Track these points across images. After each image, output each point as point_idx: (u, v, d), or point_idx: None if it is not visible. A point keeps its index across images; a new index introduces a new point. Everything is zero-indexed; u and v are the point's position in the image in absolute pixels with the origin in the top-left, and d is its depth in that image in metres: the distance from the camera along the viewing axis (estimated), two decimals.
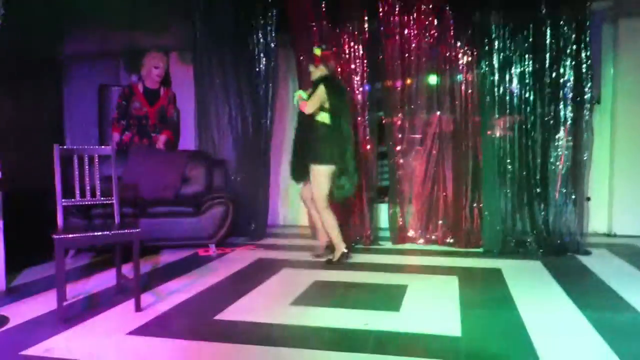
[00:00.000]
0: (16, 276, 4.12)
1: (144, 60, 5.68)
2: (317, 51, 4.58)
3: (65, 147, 3.40)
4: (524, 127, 4.98)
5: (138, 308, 3.21)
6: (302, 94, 4.51)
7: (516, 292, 3.57)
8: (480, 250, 5.01)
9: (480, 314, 3.16)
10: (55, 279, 3.13)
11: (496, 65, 4.94)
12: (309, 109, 4.39)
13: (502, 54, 4.93)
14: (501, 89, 4.97)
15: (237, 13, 5.64)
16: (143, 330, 2.89)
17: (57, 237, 3.02)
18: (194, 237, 4.97)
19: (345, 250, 4.58)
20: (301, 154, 4.64)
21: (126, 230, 3.23)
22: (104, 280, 4.02)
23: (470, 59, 5.15)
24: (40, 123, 5.99)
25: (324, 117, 4.45)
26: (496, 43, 4.92)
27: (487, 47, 4.96)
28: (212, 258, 4.81)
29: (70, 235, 3.08)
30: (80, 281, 4.02)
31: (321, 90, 4.39)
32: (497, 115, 5.01)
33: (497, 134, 5.04)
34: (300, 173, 4.70)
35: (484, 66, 4.98)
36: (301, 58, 5.62)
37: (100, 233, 3.17)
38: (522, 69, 4.95)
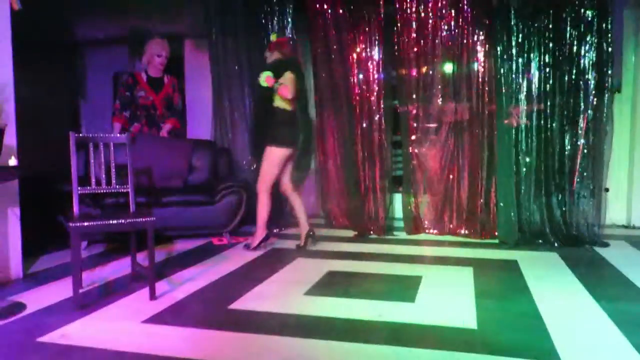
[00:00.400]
0: (33, 263, 4.16)
1: (146, 48, 5.47)
2: (273, 37, 4.70)
3: (80, 134, 3.41)
4: (541, 115, 4.90)
5: (153, 296, 3.22)
6: (269, 74, 4.42)
7: (532, 284, 3.53)
8: (496, 241, 4.96)
9: (495, 305, 3.13)
10: (71, 266, 3.16)
11: (514, 53, 4.84)
12: (290, 94, 4.37)
13: (520, 41, 4.83)
14: (518, 76, 4.88)
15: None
16: (158, 319, 2.91)
17: (73, 224, 3.04)
18: (208, 226, 4.98)
19: (266, 234, 4.63)
20: (259, 138, 4.64)
21: (141, 219, 3.23)
22: (119, 267, 4.05)
23: (487, 46, 5.06)
24: (55, 109, 6.03)
25: (284, 104, 4.46)
26: (514, 30, 4.82)
27: (505, 34, 4.85)
28: (226, 247, 4.82)
29: (86, 223, 3.09)
30: (96, 269, 4.05)
31: (290, 76, 4.41)
32: (513, 104, 4.93)
33: (514, 123, 4.96)
34: (259, 157, 4.67)
35: (501, 53, 4.89)
36: (316, 46, 5.59)
37: (115, 221, 3.18)
38: (540, 56, 4.85)
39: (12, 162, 3.12)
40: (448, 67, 5.27)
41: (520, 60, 4.86)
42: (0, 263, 3.63)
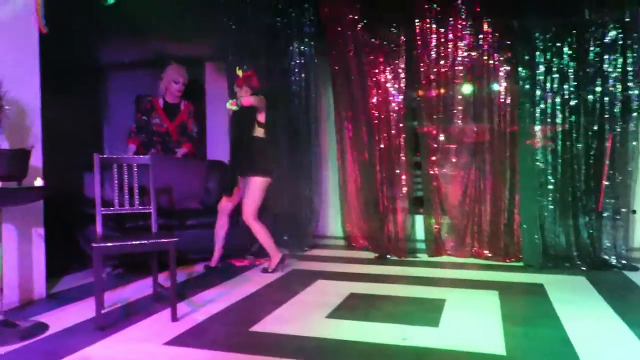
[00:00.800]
0: (56, 283, 4.18)
1: (164, 74, 5.42)
2: (239, 72, 4.66)
3: (104, 155, 3.45)
4: (565, 136, 4.83)
5: (174, 317, 3.20)
6: (230, 101, 4.51)
7: (561, 308, 3.43)
8: (520, 264, 4.86)
9: (524, 331, 3.04)
10: (93, 286, 3.16)
11: (536, 72, 4.81)
12: (251, 101, 4.38)
13: (542, 60, 4.80)
14: (541, 96, 4.83)
15: (273, 22, 5.66)
16: (179, 341, 2.88)
17: (96, 245, 3.05)
18: (229, 248, 4.94)
19: (281, 256, 4.58)
20: (235, 168, 4.65)
21: (163, 239, 3.24)
22: (140, 288, 4.04)
23: (508, 67, 5.04)
24: (80, 131, 6.13)
25: (259, 132, 4.50)
26: (536, 50, 4.79)
27: (526, 55, 4.83)
28: (246, 268, 4.79)
29: (109, 244, 3.10)
30: (117, 289, 4.05)
31: (262, 99, 4.46)
32: (536, 125, 4.87)
33: (536, 144, 4.89)
34: (232, 187, 4.68)
35: (522, 74, 4.86)
36: (336, 68, 5.62)
37: (138, 242, 3.19)
38: (563, 76, 4.80)
39: (38, 182, 3.15)
40: (469, 88, 5.25)
41: (542, 80, 4.82)
42: (24, 283, 3.65)
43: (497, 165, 5.10)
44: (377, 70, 5.41)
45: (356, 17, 5.41)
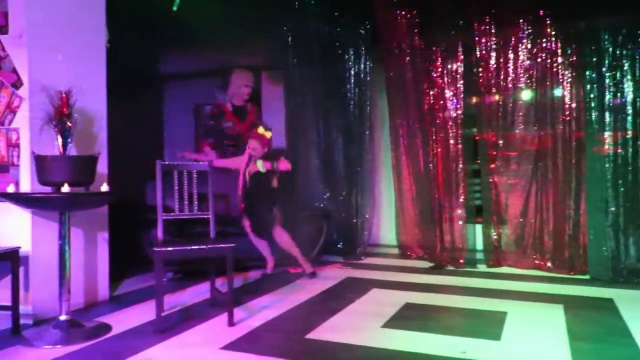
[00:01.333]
0: (118, 286, 4.33)
1: (231, 79, 5.51)
2: (267, 133, 4.87)
3: (166, 162, 3.55)
4: (636, 143, 4.56)
5: (231, 322, 3.24)
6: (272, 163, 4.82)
7: (633, 325, 3.23)
8: (587, 277, 4.62)
9: (593, 348, 2.88)
10: (154, 290, 3.25)
11: (605, 76, 4.59)
12: (288, 167, 4.80)
13: (611, 63, 4.58)
14: (610, 101, 4.60)
15: (330, 31, 5.69)
16: (236, 346, 2.90)
17: (158, 249, 3.13)
18: (285, 257, 4.95)
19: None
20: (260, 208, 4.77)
21: (221, 244, 3.29)
22: (198, 293, 4.12)
23: (573, 70, 4.83)
24: (141, 139, 6.34)
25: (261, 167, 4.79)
26: (604, 52, 4.58)
27: (593, 57, 4.62)
28: (301, 275, 4.80)
29: (169, 248, 3.18)
30: (176, 293, 4.15)
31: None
32: (605, 131, 4.64)
33: (605, 151, 4.65)
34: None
35: (589, 77, 4.64)
36: (391, 74, 5.57)
37: (197, 247, 3.25)
38: (634, 79, 4.55)
39: (104, 188, 3.27)
40: (530, 93, 5.06)
41: (611, 84, 4.59)
42: (89, 285, 3.80)
43: (561, 173, 4.89)
44: (433, 76, 5.31)
45: (412, 23, 5.34)
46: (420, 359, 2.73)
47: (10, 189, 3.13)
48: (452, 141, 5.27)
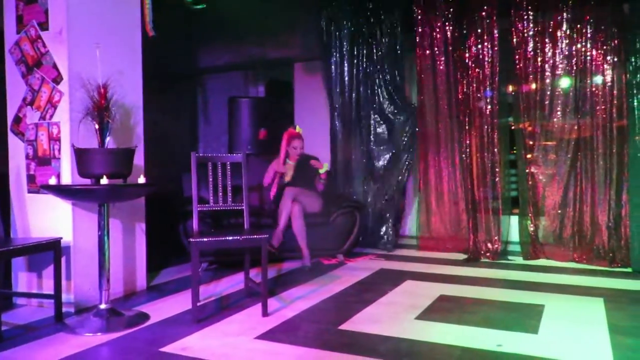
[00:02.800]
0: (156, 276, 4.43)
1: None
2: (299, 129, 5.24)
3: (201, 154, 3.59)
4: None
5: (265, 313, 3.27)
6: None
7: None
8: (629, 269, 4.48)
9: (635, 343, 2.79)
10: (190, 280, 3.31)
11: None
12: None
13: None
14: None
15: (363, 20, 5.65)
16: (270, 335, 2.93)
17: (193, 240, 3.18)
18: (321, 248, 4.96)
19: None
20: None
21: (255, 236, 3.32)
22: (232, 283, 4.18)
23: (615, 56, 4.66)
24: (177, 132, 6.46)
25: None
26: None
27: (637, 42, 4.45)
28: (335, 266, 4.81)
29: (205, 239, 3.23)
30: (211, 283, 4.21)
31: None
32: None
33: None
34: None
35: (634, 63, 4.47)
36: (424, 62, 5.48)
37: (231, 238, 3.29)
38: None
39: (142, 180, 3.34)
40: (570, 81, 4.91)
41: None
42: (128, 275, 3.90)
43: (601, 163, 4.75)
44: (468, 64, 5.20)
45: (447, 9, 5.25)
46: (455, 351, 2.70)
47: (52, 181, 3.23)
48: (487, 130, 5.17)
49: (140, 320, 3.21)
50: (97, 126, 3.21)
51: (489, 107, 5.17)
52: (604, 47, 4.72)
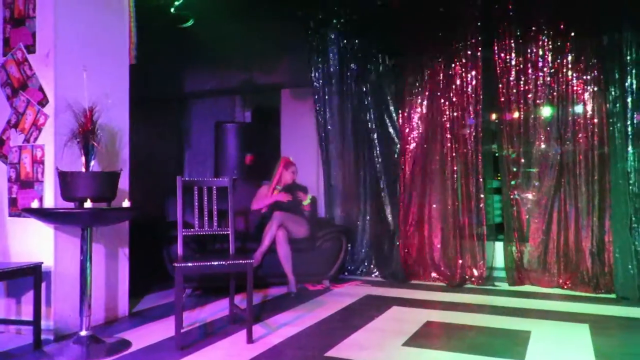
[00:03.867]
0: (138, 302, 4.34)
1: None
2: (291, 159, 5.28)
3: (186, 178, 3.57)
4: None
5: (250, 339, 3.22)
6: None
7: None
8: (613, 296, 4.51)
9: None
10: (173, 306, 3.24)
11: (628, 91, 4.54)
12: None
13: (635, 78, 4.53)
14: (635, 116, 4.54)
15: (350, 47, 5.72)
16: None
17: (178, 265, 3.14)
18: (307, 273, 4.91)
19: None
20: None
21: (241, 261, 3.28)
22: (217, 309, 4.11)
23: (595, 85, 4.78)
24: (163, 156, 6.43)
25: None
26: (627, 67, 4.53)
27: (616, 72, 4.57)
28: (320, 292, 4.76)
29: (190, 264, 3.18)
30: (195, 309, 4.14)
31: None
32: (628, 146, 4.57)
33: (629, 166, 4.57)
34: None
35: (613, 93, 4.59)
36: (409, 89, 5.54)
37: (216, 262, 3.25)
38: None
39: (126, 204, 3.31)
40: (552, 109, 5.01)
41: (636, 99, 4.53)
42: (110, 301, 3.81)
43: (584, 190, 4.81)
44: (452, 92, 5.28)
45: (432, 38, 5.35)
46: None
47: (35, 204, 3.18)
48: (471, 157, 5.22)
49: (121, 348, 3.13)
50: (82, 149, 3.18)
51: (473, 134, 5.23)
52: (585, 77, 4.84)
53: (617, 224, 4.56)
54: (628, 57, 4.55)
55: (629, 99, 4.56)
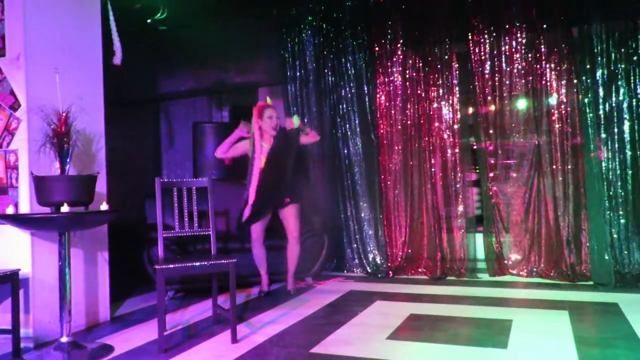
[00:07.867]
0: (119, 306, 4.29)
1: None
2: (269, 101, 4.66)
3: (165, 179, 3.54)
4: (634, 145, 4.59)
5: (234, 339, 3.20)
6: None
7: None
8: (590, 283, 4.60)
9: (601, 353, 2.85)
10: (155, 309, 3.21)
11: (599, 82, 4.64)
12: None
13: (605, 69, 4.62)
14: (606, 106, 4.64)
15: (326, 41, 5.71)
16: None
17: (159, 267, 3.11)
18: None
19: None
20: (272, 193, 4.47)
21: (223, 261, 3.27)
22: (200, 310, 4.09)
23: (568, 76, 4.87)
24: (140, 158, 6.35)
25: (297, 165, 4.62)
26: (599, 58, 4.63)
27: (587, 63, 4.67)
28: (304, 290, 4.76)
29: (171, 266, 3.15)
30: (178, 311, 4.11)
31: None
32: (601, 135, 4.66)
33: (602, 156, 4.67)
34: (264, 213, 4.53)
35: (585, 83, 4.68)
36: (385, 83, 5.56)
37: (198, 263, 3.23)
38: (629, 83, 4.59)
39: (104, 207, 3.26)
40: (526, 101, 5.09)
41: (607, 89, 4.63)
42: (90, 306, 3.76)
43: (560, 180, 4.90)
44: (428, 86, 5.33)
45: (407, 34, 5.38)
46: None
47: (10, 210, 3.11)
48: (449, 150, 5.28)
49: (104, 353, 3.09)
50: (56, 153, 3.13)
51: (451, 127, 5.28)
52: (558, 69, 4.92)
53: (592, 212, 4.65)
54: (598, 48, 4.64)
55: (600, 89, 4.65)
